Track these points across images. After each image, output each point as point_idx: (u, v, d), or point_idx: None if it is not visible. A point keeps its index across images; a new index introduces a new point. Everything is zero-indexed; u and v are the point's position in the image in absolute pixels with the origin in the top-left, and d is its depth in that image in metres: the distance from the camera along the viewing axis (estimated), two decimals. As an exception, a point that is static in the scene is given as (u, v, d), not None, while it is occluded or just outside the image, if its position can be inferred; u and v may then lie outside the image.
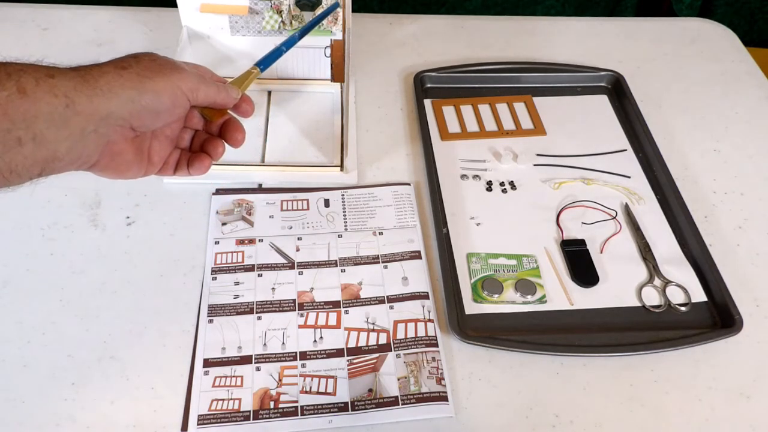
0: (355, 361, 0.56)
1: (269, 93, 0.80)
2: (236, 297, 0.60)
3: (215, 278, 0.62)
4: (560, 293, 0.63)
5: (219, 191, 0.69)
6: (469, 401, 0.55)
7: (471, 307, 0.61)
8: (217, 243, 0.65)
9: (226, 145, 0.53)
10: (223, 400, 0.54)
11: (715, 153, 0.78)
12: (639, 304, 0.62)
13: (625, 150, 0.77)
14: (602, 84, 0.85)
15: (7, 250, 0.63)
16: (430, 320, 0.59)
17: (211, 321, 0.59)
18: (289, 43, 0.57)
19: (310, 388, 0.54)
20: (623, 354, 0.58)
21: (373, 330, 0.58)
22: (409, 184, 0.71)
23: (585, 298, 0.62)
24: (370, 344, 0.57)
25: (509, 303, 0.62)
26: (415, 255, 0.64)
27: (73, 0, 0.92)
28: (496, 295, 0.62)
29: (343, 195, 0.69)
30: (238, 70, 0.78)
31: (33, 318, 0.59)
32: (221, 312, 0.59)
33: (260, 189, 0.70)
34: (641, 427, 0.54)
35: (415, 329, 0.58)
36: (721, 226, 0.69)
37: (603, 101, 0.83)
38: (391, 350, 0.57)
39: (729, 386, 0.57)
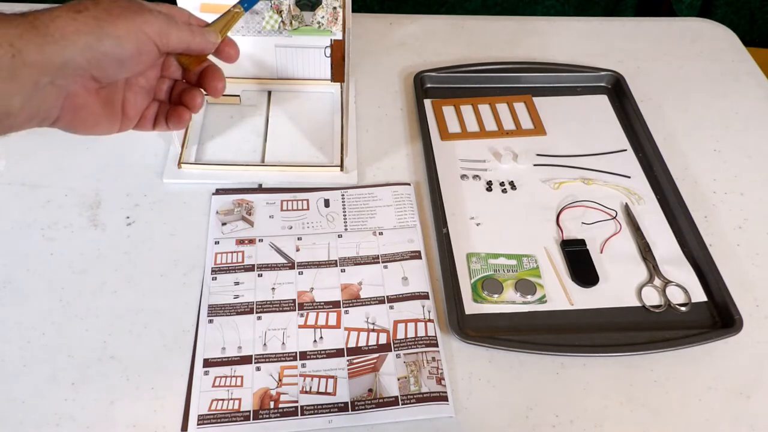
0: (355, 361, 0.56)
1: (269, 93, 0.80)
2: (236, 297, 0.60)
3: (215, 278, 0.62)
4: (560, 293, 0.63)
5: (219, 191, 0.69)
6: (469, 401, 0.55)
7: (471, 307, 0.61)
8: (217, 243, 0.65)
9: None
10: (223, 400, 0.54)
11: (715, 153, 0.78)
12: (639, 304, 0.62)
13: (625, 150, 0.77)
14: (602, 84, 0.85)
15: (7, 250, 0.63)
16: (430, 320, 0.59)
17: (211, 321, 0.59)
18: None
19: (310, 388, 0.54)
20: (623, 354, 0.58)
21: (373, 330, 0.58)
22: (409, 184, 0.71)
23: (585, 298, 0.62)
24: (370, 344, 0.57)
25: (509, 303, 0.62)
26: (415, 255, 0.64)
27: (73, 0, 0.91)
28: (496, 295, 0.62)
29: (343, 195, 0.69)
30: (239, 70, 0.79)
31: (33, 318, 0.59)
32: (221, 312, 0.59)
33: (260, 189, 0.70)
34: (641, 427, 0.54)
35: (415, 329, 0.58)
36: (721, 226, 0.69)
37: (603, 101, 0.83)
38: (391, 350, 0.57)
39: (729, 386, 0.57)
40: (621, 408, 0.55)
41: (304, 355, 0.57)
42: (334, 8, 0.71)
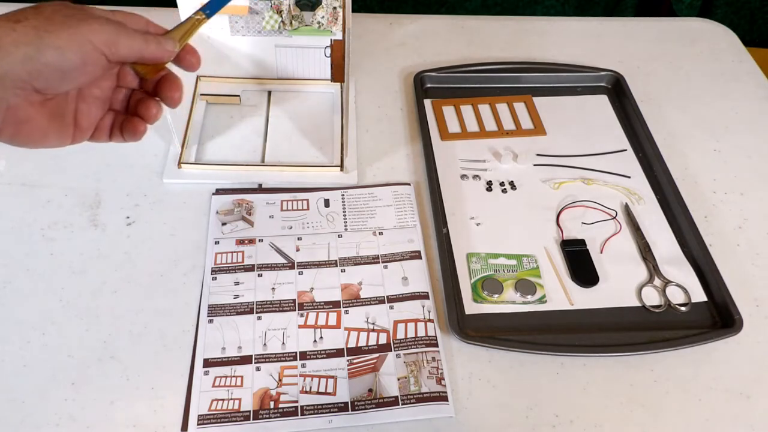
0: (355, 361, 0.56)
1: (269, 93, 0.80)
2: (236, 297, 0.60)
3: (215, 278, 0.62)
4: (560, 293, 0.63)
5: (219, 191, 0.69)
6: (469, 401, 0.55)
7: (471, 307, 0.61)
8: (217, 243, 0.65)
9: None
10: (223, 400, 0.54)
11: (715, 153, 0.78)
12: (639, 304, 0.62)
13: (625, 150, 0.77)
14: (602, 84, 0.85)
15: (7, 250, 0.63)
16: (430, 320, 0.59)
17: (211, 321, 0.59)
18: None
19: (310, 388, 0.54)
20: (623, 354, 0.58)
21: (373, 330, 0.58)
22: (409, 184, 0.71)
23: (585, 298, 0.62)
24: (370, 344, 0.57)
25: (509, 303, 0.62)
26: (415, 255, 0.64)
27: (73, 0, 0.91)
28: (496, 295, 0.62)
29: (343, 195, 0.69)
30: (239, 70, 0.79)
31: (33, 318, 0.59)
32: (221, 312, 0.59)
33: (260, 189, 0.70)
34: (641, 427, 0.54)
35: (415, 329, 0.58)
36: (721, 226, 0.69)
37: (603, 101, 0.83)
38: (391, 350, 0.57)
39: (729, 386, 0.57)
40: (621, 408, 0.55)
41: (304, 355, 0.57)
42: (334, 8, 0.71)
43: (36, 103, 0.40)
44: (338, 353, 0.57)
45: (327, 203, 0.69)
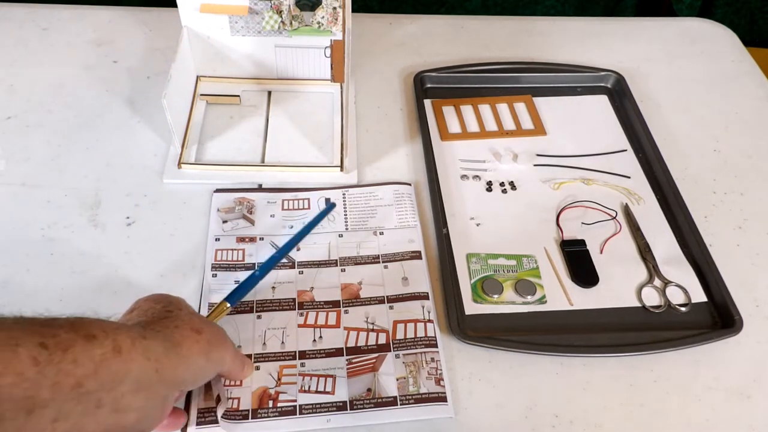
0: (354, 360, 0.56)
1: (269, 93, 0.80)
2: None
3: (215, 275, 0.62)
4: (560, 293, 0.63)
5: (219, 190, 0.69)
6: (469, 401, 0.55)
7: (471, 308, 0.61)
8: (217, 240, 0.65)
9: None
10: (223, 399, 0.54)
11: (715, 153, 0.78)
12: (639, 305, 0.62)
13: (625, 150, 0.77)
14: (602, 84, 0.85)
15: (7, 250, 0.63)
16: (429, 321, 0.59)
17: None
18: (265, 268, 0.60)
19: (309, 387, 0.54)
20: (623, 354, 0.58)
21: (373, 330, 0.58)
22: (409, 184, 0.71)
23: (585, 299, 0.62)
24: (369, 344, 0.57)
25: (509, 303, 0.62)
26: (416, 255, 0.64)
27: (73, 0, 0.92)
28: (495, 296, 0.62)
29: (344, 194, 0.69)
30: (239, 70, 0.79)
31: (33, 318, 0.59)
32: None
33: (261, 189, 0.70)
34: (641, 427, 0.54)
35: (415, 330, 0.58)
36: (721, 226, 0.69)
37: (603, 101, 0.83)
38: (390, 350, 0.57)
39: (729, 386, 0.57)
40: (621, 408, 0.55)
41: (303, 355, 0.57)
42: (334, 8, 0.71)
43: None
44: (337, 353, 0.57)
45: (327, 203, 0.69)
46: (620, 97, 0.83)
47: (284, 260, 0.63)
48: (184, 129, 0.74)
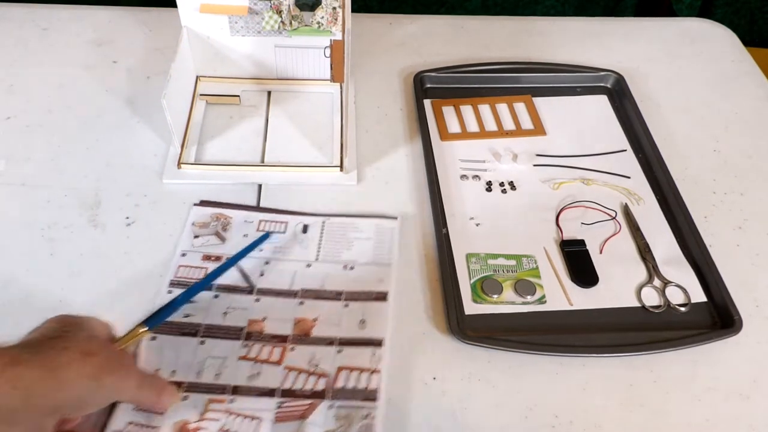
0: (284, 404, 0.52)
1: (269, 93, 0.80)
2: (186, 316, 0.58)
3: (170, 291, 0.59)
4: (560, 293, 0.63)
5: (203, 203, 0.67)
6: (468, 402, 0.55)
7: (470, 308, 0.61)
8: (183, 255, 0.62)
9: None
10: (140, 425, 0.50)
11: (715, 153, 0.78)
12: (638, 305, 0.62)
13: (625, 150, 0.77)
14: (602, 84, 0.85)
15: (7, 250, 0.63)
16: (376, 371, 0.55)
17: (154, 338, 0.56)
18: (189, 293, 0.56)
19: (230, 428, 0.51)
20: (623, 354, 0.58)
21: (314, 373, 0.55)
22: (395, 218, 0.67)
23: (584, 299, 0.62)
24: (306, 388, 0.54)
25: (509, 303, 0.62)
26: (381, 296, 0.60)
27: (72, 0, 0.92)
28: (495, 296, 0.62)
29: (324, 222, 0.66)
30: (238, 70, 0.79)
31: (33, 318, 0.58)
32: (166, 329, 0.56)
33: (244, 206, 0.67)
34: (641, 427, 0.54)
35: (358, 379, 0.55)
36: (721, 227, 0.69)
37: (603, 101, 0.83)
38: (325, 398, 0.53)
39: (729, 386, 0.57)
40: (621, 408, 0.55)
41: (236, 390, 0.53)
42: (334, 8, 0.71)
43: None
44: (270, 393, 0.53)
45: (305, 229, 0.66)
46: (620, 97, 0.83)
47: (243, 284, 0.61)
48: (183, 129, 0.74)
